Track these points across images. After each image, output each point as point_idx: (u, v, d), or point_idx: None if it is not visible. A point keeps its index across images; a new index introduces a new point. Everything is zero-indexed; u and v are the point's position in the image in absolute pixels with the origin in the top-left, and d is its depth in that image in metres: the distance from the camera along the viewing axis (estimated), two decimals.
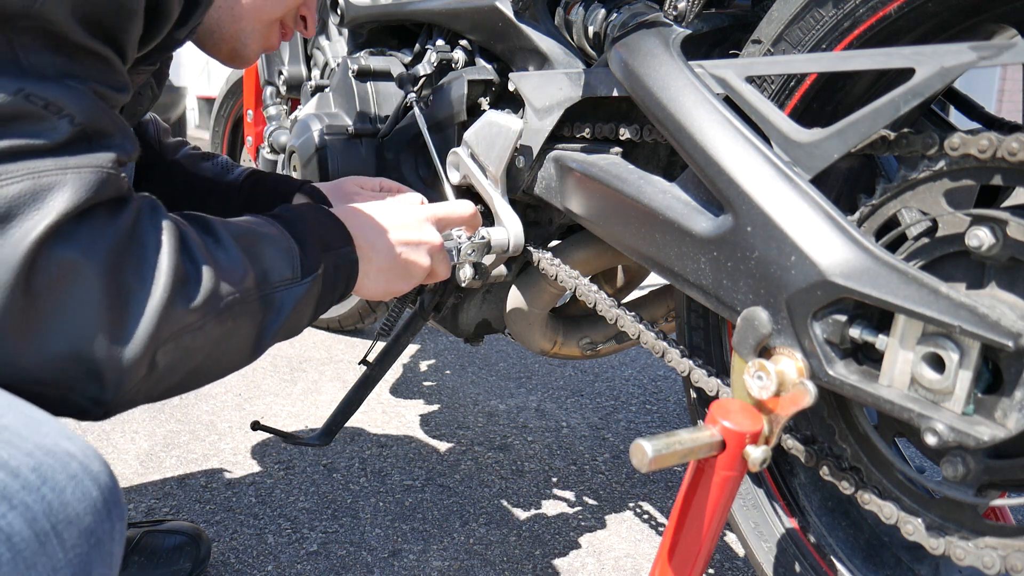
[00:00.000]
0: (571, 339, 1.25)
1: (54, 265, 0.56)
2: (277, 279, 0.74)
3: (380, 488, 1.46)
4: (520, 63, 1.06)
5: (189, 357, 0.65)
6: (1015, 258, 0.64)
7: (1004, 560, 0.67)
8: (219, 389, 1.90)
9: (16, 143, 0.55)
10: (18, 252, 0.54)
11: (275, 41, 1.00)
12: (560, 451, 1.64)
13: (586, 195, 0.94)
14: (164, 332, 0.61)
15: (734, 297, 0.75)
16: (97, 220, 0.59)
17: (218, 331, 0.67)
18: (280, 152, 1.75)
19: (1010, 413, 0.61)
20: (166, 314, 0.61)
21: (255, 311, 0.71)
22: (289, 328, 0.76)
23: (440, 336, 2.37)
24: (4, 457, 0.49)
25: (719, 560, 1.27)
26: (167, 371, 0.64)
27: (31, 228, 0.54)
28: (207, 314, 0.65)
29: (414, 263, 0.90)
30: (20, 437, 0.50)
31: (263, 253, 0.73)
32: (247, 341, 0.72)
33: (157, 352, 0.62)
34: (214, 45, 0.95)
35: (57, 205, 0.56)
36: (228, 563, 1.22)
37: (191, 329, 0.64)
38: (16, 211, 0.54)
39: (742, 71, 0.77)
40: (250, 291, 0.70)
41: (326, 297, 0.81)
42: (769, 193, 0.71)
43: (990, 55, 0.61)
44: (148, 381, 0.63)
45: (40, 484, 0.49)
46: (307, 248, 0.78)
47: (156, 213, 0.65)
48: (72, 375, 0.58)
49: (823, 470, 0.79)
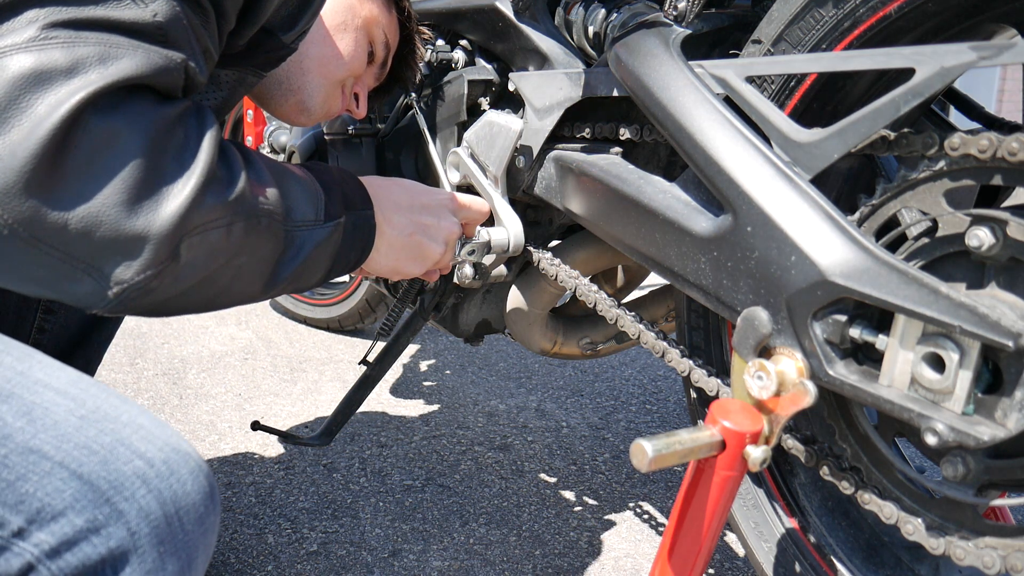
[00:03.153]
0: (571, 339, 1.25)
1: (98, 127, 0.57)
2: (300, 218, 0.75)
3: (380, 488, 1.46)
4: (520, 63, 1.06)
5: (211, 258, 0.65)
6: (1015, 258, 0.64)
7: (1004, 560, 0.67)
8: (219, 389, 1.90)
9: (99, 14, 0.58)
10: (70, 102, 0.55)
11: (337, 105, 1.03)
12: (560, 451, 1.64)
13: (586, 195, 0.94)
14: (194, 219, 0.62)
15: (734, 297, 0.75)
16: (148, 101, 0.61)
17: (243, 238, 0.67)
18: (280, 152, 1.75)
19: (1010, 413, 0.61)
20: (198, 201, 0.62)
21: (279, 237, 0.72)
22: (303, 272, 0.77)
23: (440, 336, 2.37)
24: (143, 450, 0.58)
25: (719, 560, 1.27)
26: (188, 266, 0.63)
27: (87, 84, 0.56)
28: (236, 213, 0.66)
29: (427, 245, 0.91)
30: (153, 435, 0.59)
31: (291, 189, 0.74)
32: (264, 268, 0.72)
33: (183, 240, 0.62)
34: (281, 96, 0.98)
35: (118, 70, 0.57)
36: (228, 563, 1.22)
37: (219, 225, 0.64)
38: (80, 68, 0.56)
39: (742, 71, 0.77)
40: (277, 215, 0.71)
41: (343, 254, 0.82)
42: (769, 193, 0.71)
43: (990, 55, 0.61)
44: (168, 273, 0.62)
45: (169, 475, 0.58)
46: (332, 197, 0.79)
47: (204, 114, 0.66)
48: (96, 243, 0.58)
49: (823, 470, 0.79)
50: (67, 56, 0.56)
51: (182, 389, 1.90)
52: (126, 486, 0.56)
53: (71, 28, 0.57)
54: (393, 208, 0.88)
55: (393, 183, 0.91)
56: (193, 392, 1.89)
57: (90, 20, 0.58)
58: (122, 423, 0.59)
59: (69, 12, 0.57)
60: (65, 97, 0.55)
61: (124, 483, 0.56)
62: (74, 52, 0.56)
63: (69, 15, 0.57)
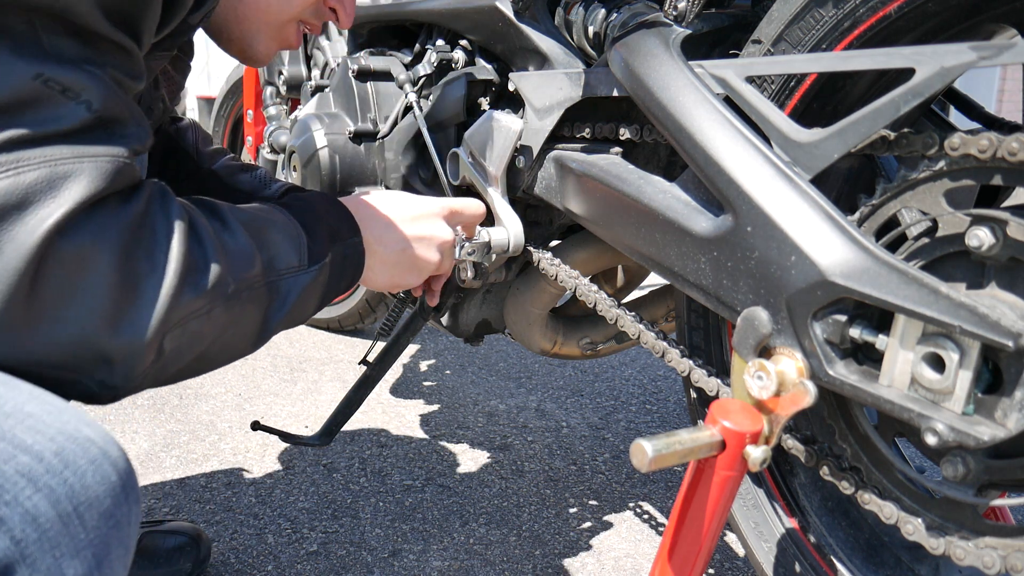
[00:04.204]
0: (571, 339, 1.25)
1: (66, 253, 0.56)
2: (283, 266, 0.74)
3: (380, 488, 1.46)
4: (520, 63, 1.06)
5: (196, 343, 0.66)
6: (1015, 258, 0.64)
7: (1004, 560, 0.67)
8: (219, 389, 1.90)
9: (33, 130, 0.55)
10: (32, 240, 0.54)
11: (293, 40, 0.96)
12: (560, 451, 1.64)
13: (586, 195, 0.94)
14: (174, 318, 0.62)
15: (734, 297, 0.75)
16: (110, 209, 0.59)
17: (225, 317, 0.67)
18: (280, 152, 1.75)
19: (1010, 413, 0.61)
20: (176, 300, 0.62)
21: (261, 297, 0.72)
22: (294, 316, 0.77)
23: (440, 336, 2.37)
24: (28, 442, 0.51)
25: (719, 560, 1.27)
26: (174, 356, 0.64)
27: (46, 216, 0.54)
28: (215, 300, 0.65)
29: (422, 258, 0.90)
30: (43, 423, 0.52)
31: (270, 240, 0.74)
32: (253, 327, 0.72)
33: (165, 337, 0.62)
34: (225, 43, 0.93)
35: (73, 195, 0.56)
36: (228, 563, 1.22)
37: (199, 315, 0.64)
38: (32, 199, 0.54)
39: (742, 71, 0.77)
40: (257, 277, 0.71)
41: (332, 286, 0.81)
42: (769, 193, 0.71)
43: (990, 55, 0.61)
44: (156, 366, 0.63)
45: (63, 468, 0.51)
46: (314, 236, 0.78)
47: (166, 199, 0.65)
48: (82, 360, 0.59)
49: (823, 470, 0.79)
50: (13, 188, 0.54)
51: (182, 389, 1.90)
52: (7, 488, 0.49)
53: (7, 151, 0.54)
54: (383, 227, 0.87)
55: (381, 199, 0.90)
56: (193, 392, 1.89)
57: (26, 139, 0.55)
58: (4, 414, 0.52)
59: (3, 134, 0.54)
60: (25, 238, 0.53)
61: (3, 485, 0.49)
62: (19, 181, 0.54)
63: (3, 137, 0.54)
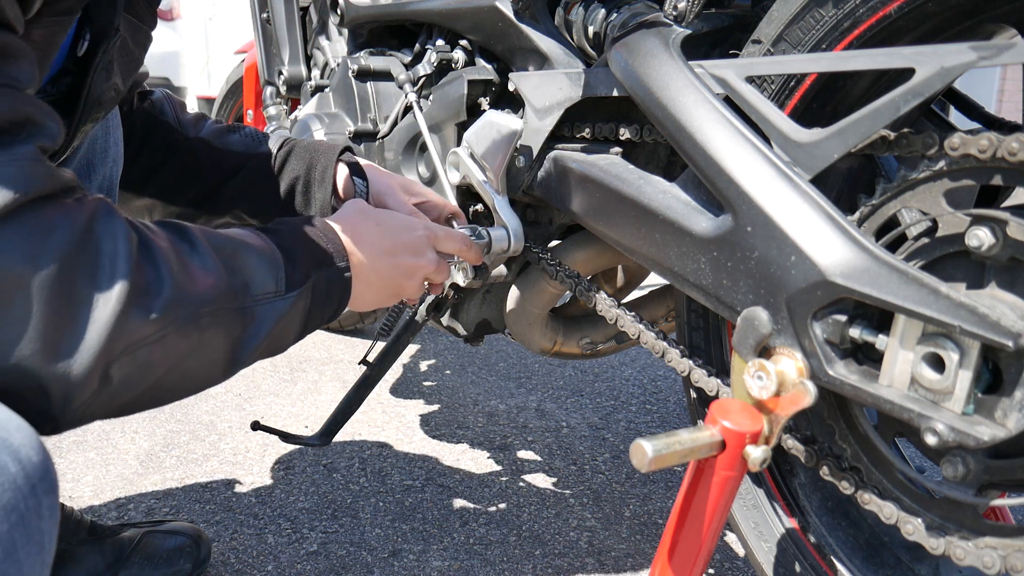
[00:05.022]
0: (571, 339, 1.25)
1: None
2: (259, 291, 0.69)
3: (380, 488, 1.46)
4: (520, 63, 1.06)
5: (149, 371, 0.61)
6: (1015, 258, 0.64)
7: (1004, 560, 0.67)
8: (219, 389, 1.90)
9: None
10: None
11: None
12: (560, 451, 1.64)
13: (586, 195, 0.94)
14: (117, 345, 0.57)
15: (734, 297, 0.75)
16: (39, 217, 0.54)
17: (183, 344, 0.62)
18: None
19: (1010, 413, 0.61)
20: (120, 325, 0.57)
21: (230, 323, 0.67)
22: (272, 344, 0.73)
23: (440, 336, 2.37)
24: None
25: (719, 560, 1.27)
26: (123, 386, 0.59)
27: None
28: (167, 325, 0.60)
29: (406, 287, 0.88)
30: None
31: (244, 264, 0.69)
32: (220, 355, 0.67)
33: (111, 366, 0.57)
34: None
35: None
36: (228, 563, 1.22)
37: (149, 341, 0.59)
38: None
39: (742, 71, 0.77)
40: (223, 302, 0.66)
41: (316, 313, 0.78)
42: (769, 193, 0.71)
43: (990, 55, 0.61)
44: (101, 396, 0.58)
45: None
46: (295, 262, 0.74)
47: (111, 215, 0.60)
48: (16, 389, 0.54)
49: (823, 470, 0.79)
50: None
51: None
52: None
53: None
54: (372, 252, 0.83)
55: (371, 223, 0.86)
56: None
57: None
58: None
59: None
60: None
61: None
62: None
63: None
